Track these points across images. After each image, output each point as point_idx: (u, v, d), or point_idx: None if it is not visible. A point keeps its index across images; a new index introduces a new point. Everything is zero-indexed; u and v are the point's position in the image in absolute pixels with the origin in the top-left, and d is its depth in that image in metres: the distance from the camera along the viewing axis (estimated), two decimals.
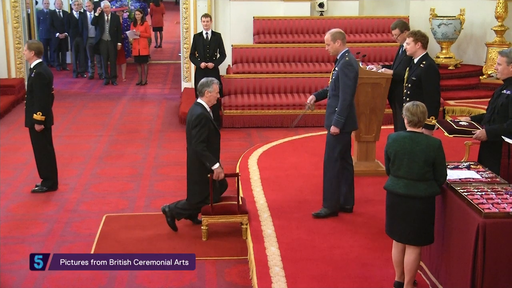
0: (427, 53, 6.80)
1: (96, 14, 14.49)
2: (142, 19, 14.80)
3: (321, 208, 6.93)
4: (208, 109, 6.57)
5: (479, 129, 5.87)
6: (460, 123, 6.13)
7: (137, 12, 15.05)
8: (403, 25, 7.73)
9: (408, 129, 5.09)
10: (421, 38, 6.71)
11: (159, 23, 20.69)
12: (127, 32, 14.73)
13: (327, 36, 6.72)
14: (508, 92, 5.69)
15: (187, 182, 6.79)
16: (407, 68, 7.01)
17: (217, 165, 6.50)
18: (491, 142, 5.77)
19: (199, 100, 6.60)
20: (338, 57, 6.73)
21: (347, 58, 6.63)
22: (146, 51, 14.73)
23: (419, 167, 4.96)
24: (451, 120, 6.29)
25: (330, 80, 6.82)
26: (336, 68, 6.70)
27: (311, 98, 7.14)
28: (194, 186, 6.68)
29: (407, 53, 6.91)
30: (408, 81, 6.88)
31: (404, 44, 7.04)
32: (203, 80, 6.63)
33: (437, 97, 6.74)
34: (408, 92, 6.82)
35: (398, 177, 5.07)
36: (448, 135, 6.09)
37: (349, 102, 6.63)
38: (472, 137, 5.95)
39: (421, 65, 6.71)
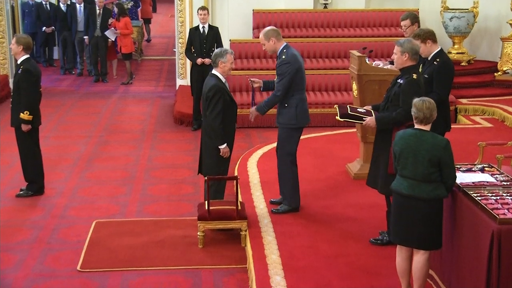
0: (441, 50, 6.75)
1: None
2: (119, 15, 14.63)
3: (281, 204, 7.16)
4: (224, 80, 6.81)
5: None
6: (358, 109, 6.56)
7: (115, 8, 14.90)
8: (414, 17, 7.69)
9: (415, 126, 5.10)
10: (428, 35, 6.67)
11: (147, 14, 20.54)
12: (106, 32, 14.44)
13: (261, 37, 7.04)
14: (401, 81, 6.02)
15: (202, 157, 7.01)
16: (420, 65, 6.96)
17: (224, 145, 6.74)
18: (383, 130, 6.16)
19: (213, 71, 6.85)
20: (278, 54, 7.00)
21: (283, 56, 6.91)
22: (128, 49, 14.61)
23: (424, 167, 4.97)
24: (350, 106, 6.67)
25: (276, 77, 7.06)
26: None
27: (259, 81, 7.26)
28: (210, 160, 6.88)
29: (423, 56, 6.77)
30: None
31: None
32: (217, 50, 6.90)
33: (445, 97, 6.68)
34: None
35: (403, 177, 5.10)
36: (338, 118, 6.58)
37: (279, 99, 6.93)
38: (362, 123, 6.38)
39: (434, 62, 6.67)
